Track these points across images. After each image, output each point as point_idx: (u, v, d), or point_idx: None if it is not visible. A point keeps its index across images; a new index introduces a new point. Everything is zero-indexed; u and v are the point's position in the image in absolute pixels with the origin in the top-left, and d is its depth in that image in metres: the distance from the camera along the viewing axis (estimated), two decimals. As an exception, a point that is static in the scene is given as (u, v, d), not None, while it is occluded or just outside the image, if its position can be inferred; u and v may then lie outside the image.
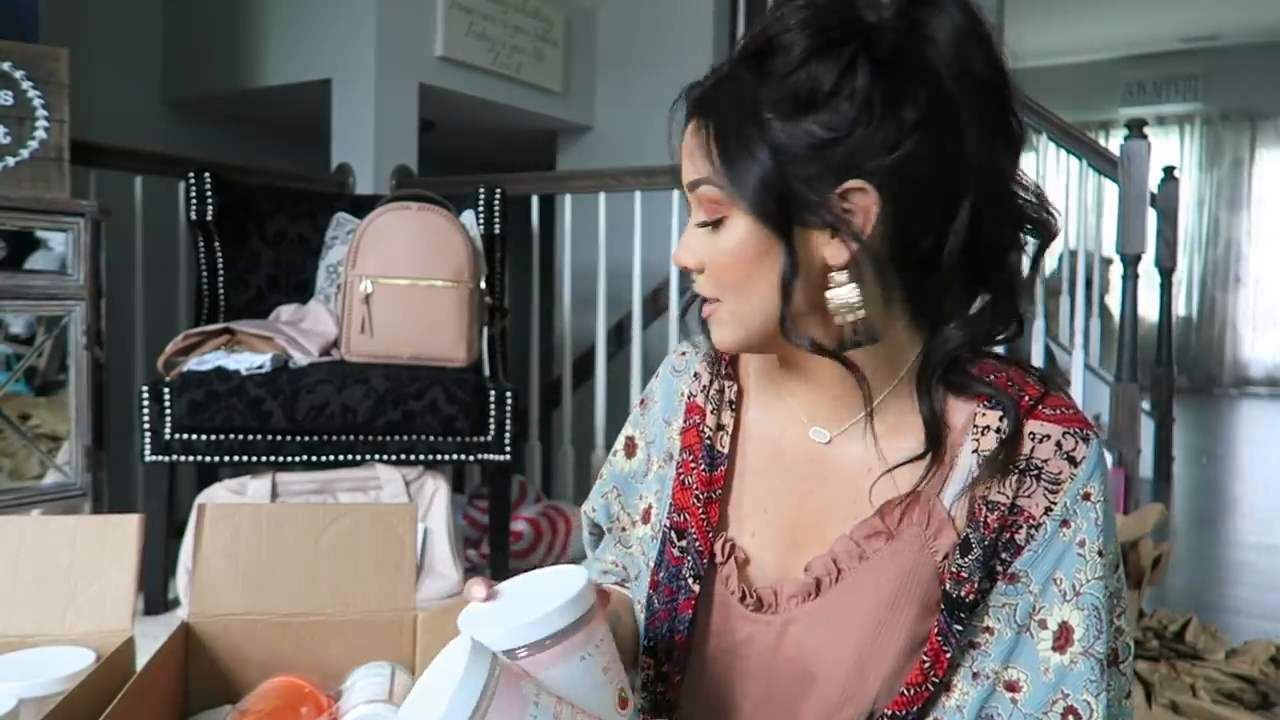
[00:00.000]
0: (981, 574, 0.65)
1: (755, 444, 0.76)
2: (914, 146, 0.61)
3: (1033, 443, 0.65)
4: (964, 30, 0.62)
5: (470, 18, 3.16)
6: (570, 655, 0.60)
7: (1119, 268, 3.19)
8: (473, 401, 2.08)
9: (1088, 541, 0.64)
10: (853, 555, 0.68)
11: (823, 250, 0.64)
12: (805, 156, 0.62)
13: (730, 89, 0.65)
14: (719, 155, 0.64)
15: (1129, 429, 3.05)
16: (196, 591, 1.10)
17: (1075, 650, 0.63)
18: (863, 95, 0.61)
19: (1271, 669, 1.67)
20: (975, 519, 0.65)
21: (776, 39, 0.63)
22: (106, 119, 2.78)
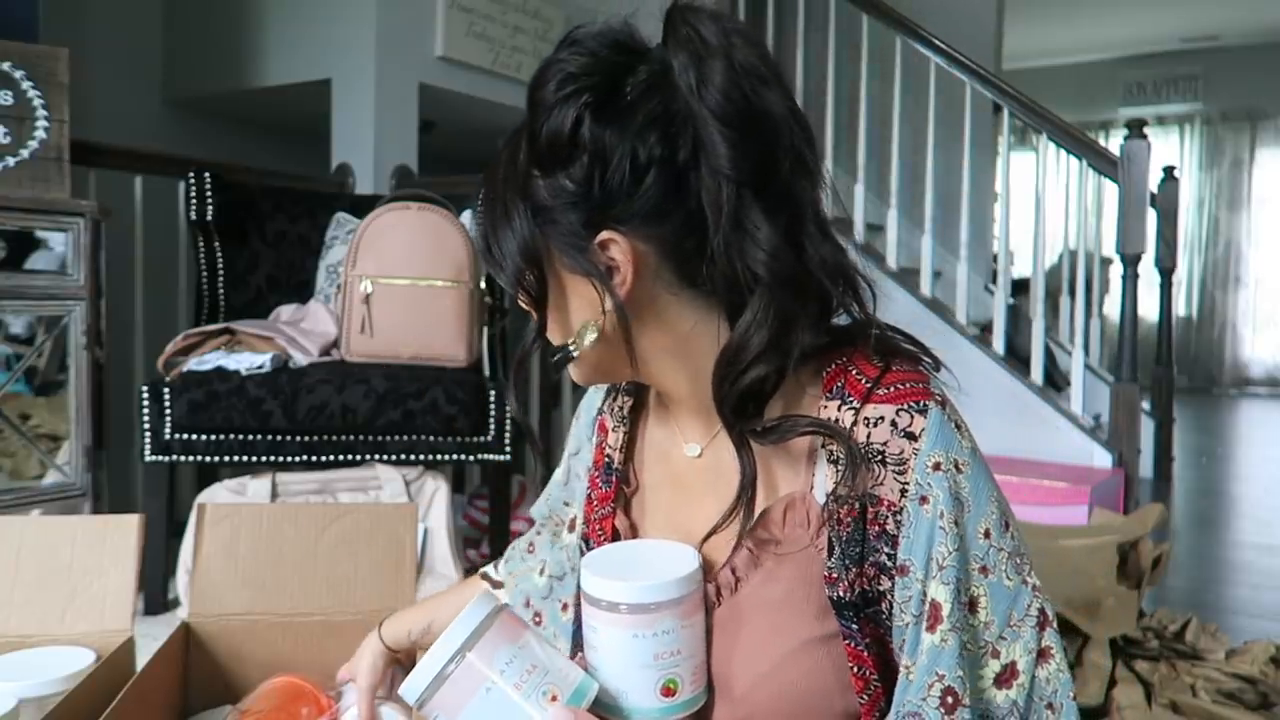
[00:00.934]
0: (852, 569, 0.63)
1: (652, 458, 0.77)
2: (653, 187, 0.62)
3: (868, 428, 0.64)
4: (703, 61, 0.61)
5: (470, 18, 3.16)
6: (624, 627, 0.64)
7: (1119, 268, 3.19)
8: (473, 401, 2.08)
9: (945, 513, 0.62)
10: (749, 564, 0.68)
11: (602, 294, 0.65)
12: (561, 212, 0.64)
13: (506, 152, 0.67)
14: (490, 232, 0.67)
15: (1129, 429, 3.05)
16: (196, 591, 1.11)
17: (944, 627, 0.61)
18: (593, 145, 0.61)
19: (1271, 669, 1.67)
20: (833, 516, 0.64)
21: (534, 94, 0.64)
22: (106, 119, 2.78)
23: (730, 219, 0.61)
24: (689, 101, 0.61)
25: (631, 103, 0.62)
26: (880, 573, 0.64)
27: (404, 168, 2.96)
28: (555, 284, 0.67)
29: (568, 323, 0.68)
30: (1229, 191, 7.89)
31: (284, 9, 3.03)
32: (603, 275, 0.64)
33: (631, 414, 0.80)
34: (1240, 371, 7.88)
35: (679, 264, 0.65)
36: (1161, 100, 7.99)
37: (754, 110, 0.61)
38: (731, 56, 0.61)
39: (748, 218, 0.62)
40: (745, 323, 0.64)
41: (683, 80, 0.61)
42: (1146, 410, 3.65)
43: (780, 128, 0.62)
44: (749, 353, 0.63)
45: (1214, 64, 7.75)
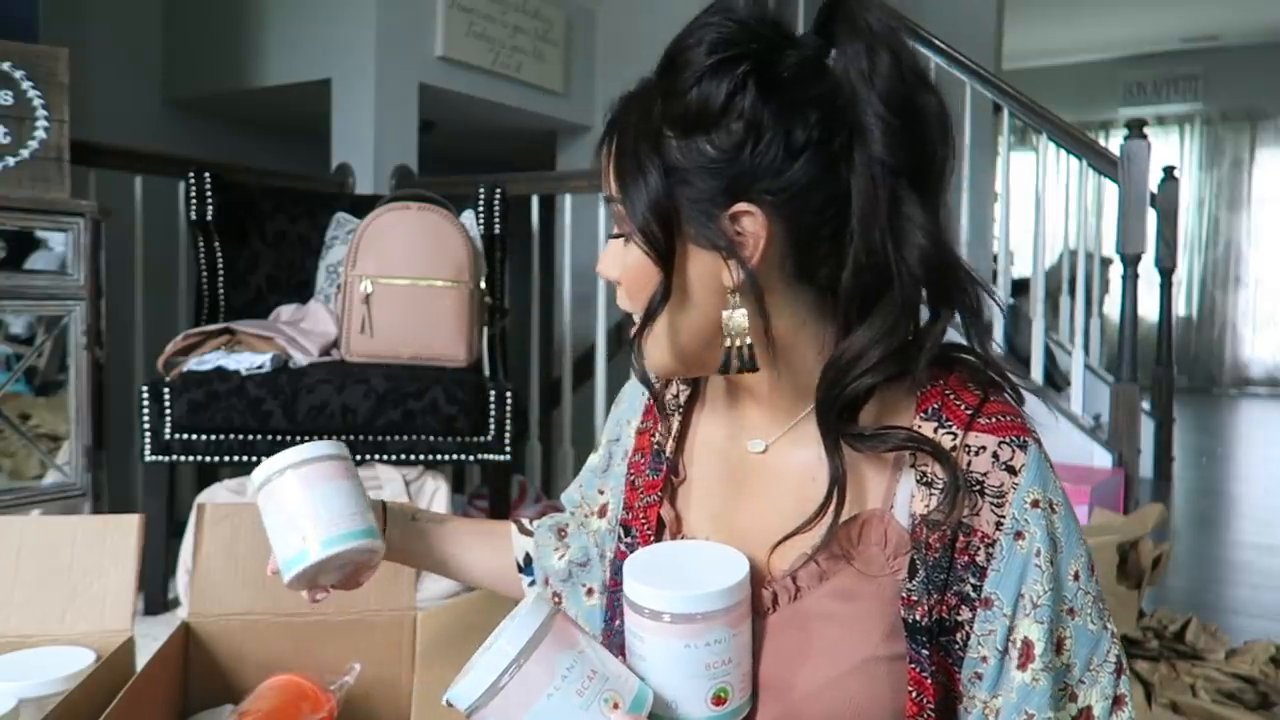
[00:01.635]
0: (934, 595, 0.63)
1: (704, 450, 0.76)
2: (804, 169, 0.61)
3: (969, 456, 0.63)
4: (873, 50, 0.61)
5: (470, 18, 3.16)
6: (674, 637, 0.63)
7: (1119, 268, 3.19)
8: (473, 401, 2.07)
9: (1042, 550, 0.61)
10: (812, 575, 0.66)
11: (720, 272, 0.63)
12: (697, 176, 0.62)
13: (637, 105, 0.65)
14: (615, 175, 0.65)
15: (1129, 429, 3.04)
16: (196, 591, 1.10)
17: (1036, 666, 0.61)
18: (751, 115, 0.60)
19: (1271, 669, 1.67)
20: (917, 539, 0.63)
21: (682, 54, 0.63)
22: (106, 119, 2.78)
23: (886, 207, 0.61)
24: (855, 87, 0.61)
25: (792, 80, 0.61)
26: (961, 602, 0.63)
27: (404, 168, 2.96)
28: (680, 251, 0.64)
29: (676, 298, 0.65)
30: (1229, 191, 7.89)
31: (284, 9, 3.03)
32: (732, 246, 0.62)
33: (687, 404, 0.78)
34: (1240, 371, 7.88)
35: (802, 253, 0.64)
36: (1161, 100, 7.99)
37: (916, 103, 0.61)
38: (898, 49, 0.61)
39: (904, 207, 0.61)
40: (879, 321, 0.62)
41: (852, 66, 0.61)
42: (1146, 410, 3.65)
43: (935, 127, 0.62)
44: (874, 355, 0.62)
45: (1214, 64, 7.75)
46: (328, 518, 0.77)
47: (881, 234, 0.61)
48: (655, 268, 0.64)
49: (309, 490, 0.78)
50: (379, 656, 1.11)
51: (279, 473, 0.78)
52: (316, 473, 0.80)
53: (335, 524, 0.77)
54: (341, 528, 0.77)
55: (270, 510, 0.79)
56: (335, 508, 0.78)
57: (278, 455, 0.79)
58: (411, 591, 1.15)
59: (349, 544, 0.77)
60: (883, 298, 0.63)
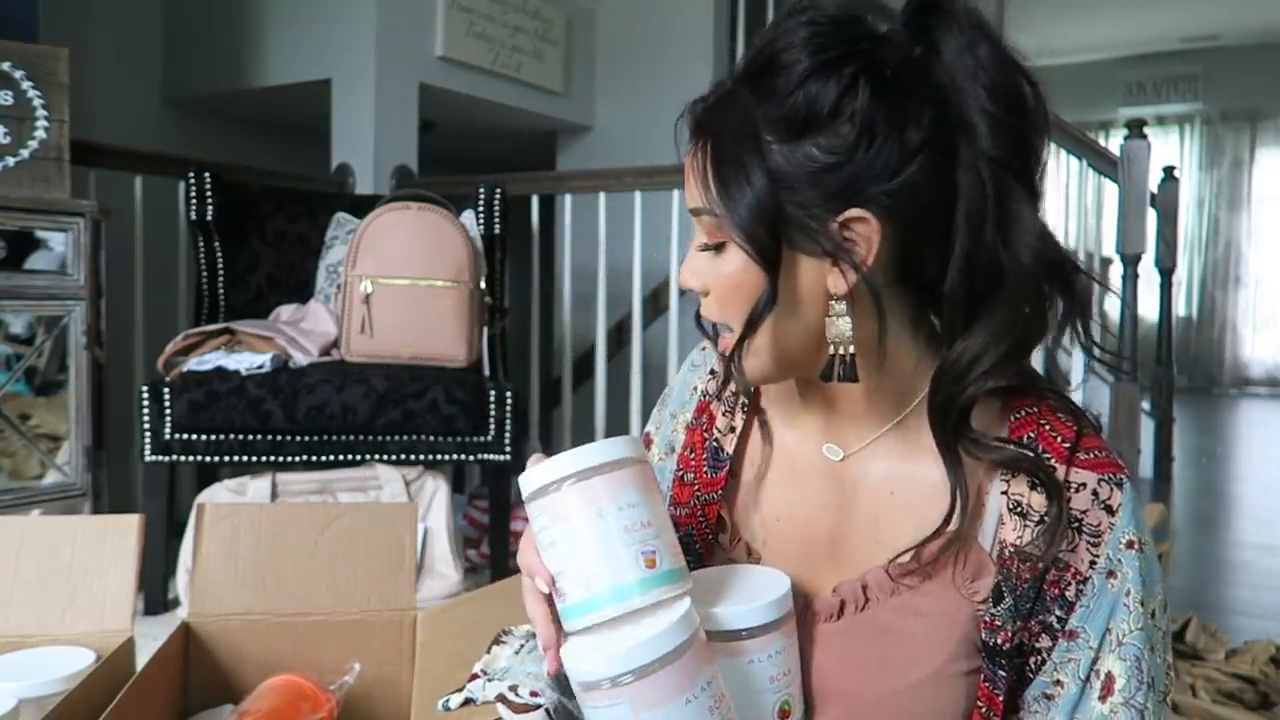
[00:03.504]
0: (1017, 622, 0.62)
1: (772, 452, 0.73)
2: (918, 170, 0.59)
3: (1069, 492, 0.62)
4: (975, 43, 0.60)
5: (470, 18, 3.16)
6: (742, 655, 0.62)
7: (1119, 268, 3.19)
8: (473, 401, 2.07)
9: (1133, 591, 0.61)
10: (884, 588, 0.65)
11: (825, 278, 0.61)
12: (804, 182, 0.60)
13: (730, 109, 0.62)
14: (715, 182, 0.62)
15: (1129, 429, 3.05)
16: (196, 591, 1.11)
17: (1116, 700, 0.61)
18: (864, 117, 0.58)
19: (1271, 669, 1.67)
20: (1006, 567, 0.63)
21: (777, 56, 0.61)
22: (106, 119, 2.78)
23: (995, 204, 0.59)
24: (961, 84, 0.59)
25: (900, 78, 0.59)
26: (1043, 631, 0.63)
27: (404, 168, 2.96)
28: (784, 259, 0.62)
29: (750, 300, 0.62)
30: (1229, 191, 7.89)
31: (284, 9, 3.03)
32: (844, 252, 0.60)
33: (750, 404, 0.76)
34: (1240, 371, 7.88)
35: (909, 256, 0.62)
36: (1161, 100, 7.99)
37: (1020, 97, 0.60)
38: (995, 39, 0.60)
39: (1012, 204, 0.60)
40: (993, 323, 0.61)
41: (957, 61, 0.60)
42: (1146, 410, 3.65)
43: (1037, 117, 0.61)
44: (990, 357, 0.60)
45: (1214, 64, 7.75)
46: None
47: (992, 232, 0.60)
48: (756, 276, 0.61)
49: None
50: (379, 656, 1.11)
51: (626, 461, 0.60)
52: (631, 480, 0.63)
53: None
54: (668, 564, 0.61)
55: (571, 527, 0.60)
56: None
57: (581, 452, 0.60)
58: (411, 592, 1.15)
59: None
60: (990, 298, 0.61)
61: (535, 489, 0.60)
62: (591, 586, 0.58)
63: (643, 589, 0.57)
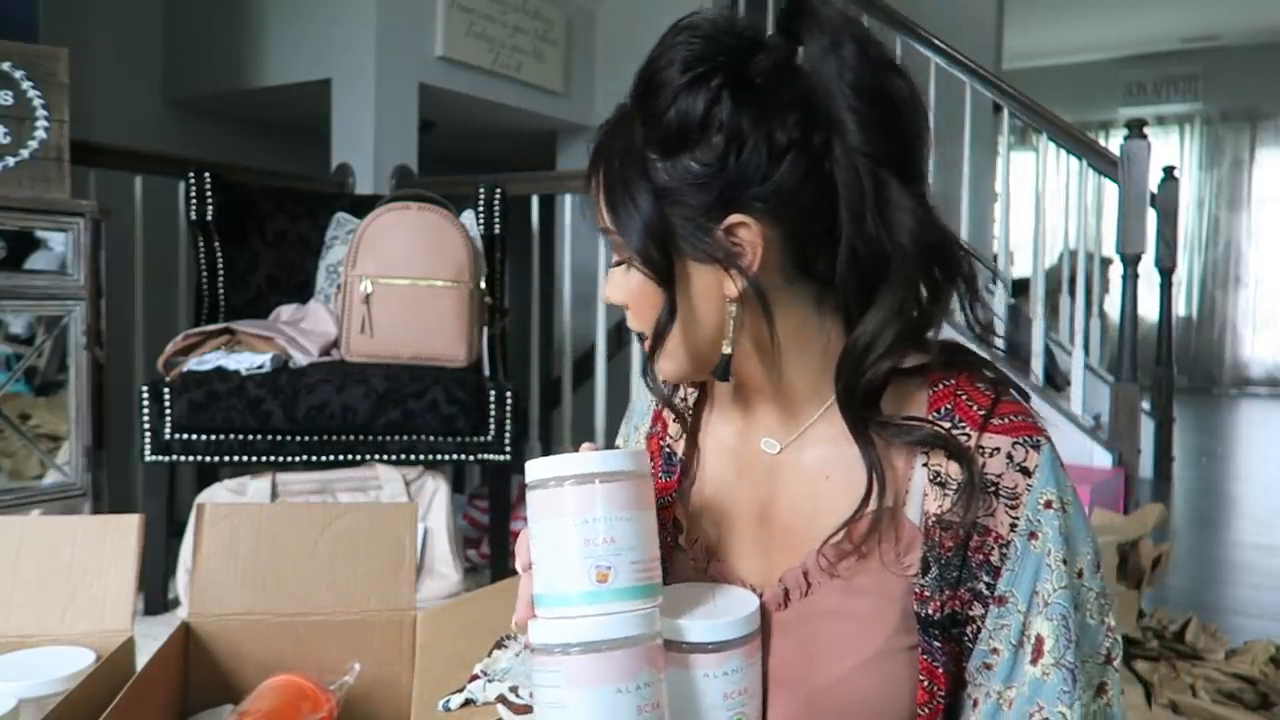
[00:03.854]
0: (946, 592, 0.64)
1: (717, 451, 0.76)
2: (789, 171, 0.62)
3: (984, 458, 0.64)
4: (839, 44, 0.62)
5: (470, 18, 3.16)
6: (695, 668, 0.64)
7: (1119, 268, 3.19)
8: (473, 401, 2.07)
9: (1054, 550, 0.63)
10: (823, 571, 0.68)
11: (722, 282, 0.64)
12: (687, 194, 0.63)
13: (619, 132, 0.66)
14: (606, 206, 0.66)
15: (1129, 429, 3.05)
16: (196, 591, 1.11)
17: (1047, 661, 0.62)
18: (730, 125, 0.61)
19: (1271, 669, 1.67)
20: (931, 538, 0.65)
21: (656, 76, 0.64)
22: (106, 119, 2.78)
23: (873, 195, 0.62)
24: (826, 84, 0.62)
25: (766, 85, 0.62)
26: (974, 599, 0.65)
27: (404, 168, 2.96)
28: (680, 268, 0.65)
29: (680, 312, 0.66)
30: (1229, 191, 7.89)
31: (284, 9, 3.03)
32: (731, 257, 0.63)
33: (695, 406, 0.79)
34: (1240, 371, 7.88)
35: (799, 251, 0.65)
36: (1161, 100, 7.99)
37: (887, 91, 0.62)
38: (863, 41, 0.62)
39: (889, 193, 0.62)
40: (885, 306, 0.63)
41: (821, 63, 0.62)
42: (1146, 410, 3.65)
43: (909, 110, 0.64)
44: (887, 337, 0.63)
45: (1214, 64, 7.76)
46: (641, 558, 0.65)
47: (872, 221, 0.62)
48: (657, 290, 0.65)
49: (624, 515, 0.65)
50: (379, 656, 1.11)
51: (588, 478, 0.63)
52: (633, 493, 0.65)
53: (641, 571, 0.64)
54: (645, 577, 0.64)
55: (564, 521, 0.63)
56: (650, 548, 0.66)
57: (584, 457, 0.64)
58: (411, 592, 1.15)
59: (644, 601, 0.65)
60: (883, 283, 0.64)
61: (531, 480, 0.64)
62: (550, 584, 0.63)
63: (586, 600, 0.61)
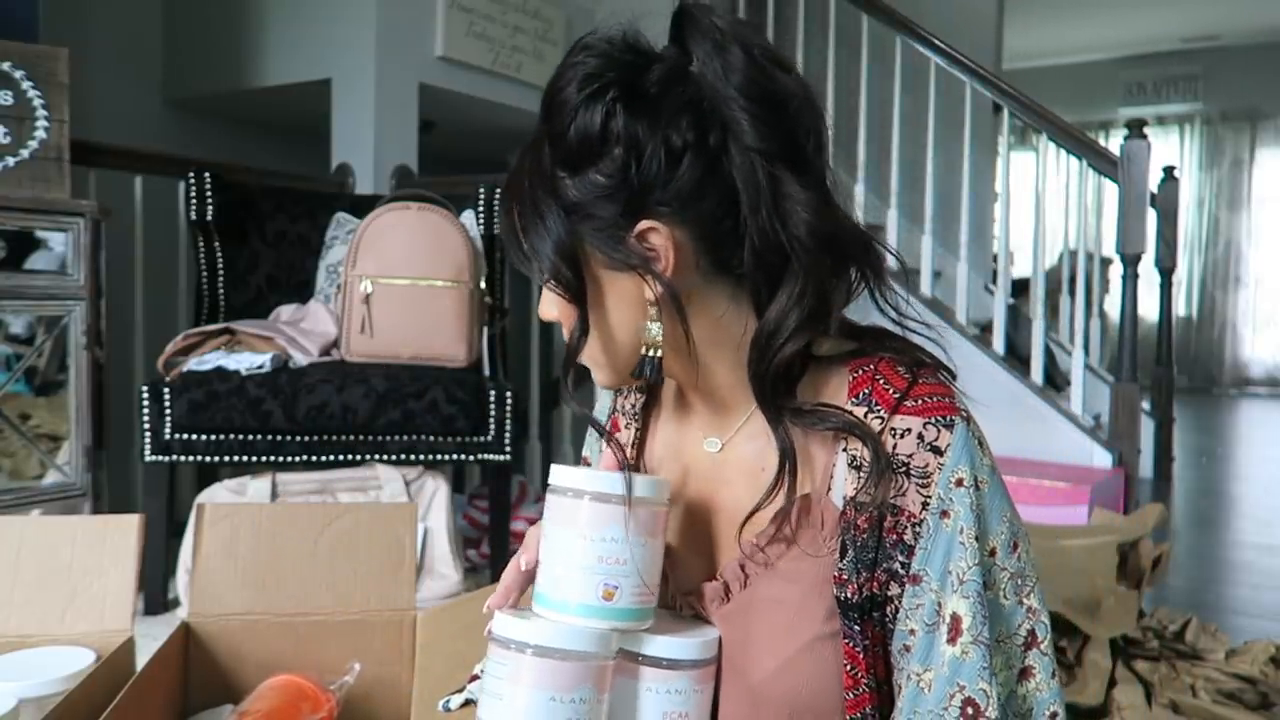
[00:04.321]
0: (864, 574, 0.65)
1: (664, 455, 0.79)
2: (689, 173, 0.64)
3: (894, 439, 0.66)
4: (723, 47, 0.64)
5: (470, 18, 3.16)
6: (639, 679, 0.68)
7: (1119, 268, 3.19)
8: (473, 401, 2.07)
9: (965, 528, 0.64)
10: (758, 562, 0.69)
11: (641, 287, 0.66)
12: (597, 207, 0.65)
13: (528, 157, 0.68)
14: (521, 230, 0.68)
15: (1129, 429, 3.05)
16: (196, 591, 1.11)
17: (965, 640, 0.63)
18: (627, 135, 0.63)
19: (1271, 669, 1.67)
20: (845, 519, 0.66)
21: (557, 96, 0.66)
22: (106, 119, 2.77)
23: (769, 191, 0.64)
24: (715, 87, 0.64)
25: (658, 94, 0.64)
26: (891, 579, 0.65)
27: (404, 168, 2.96)
28: (591, 283, 0.68)
29: (603, 323, 0.69)
30: (1229, 191, 7.89)
31: (284, 9, 3.03)
32: (646, 263, 0.65)
33: (643, 411, 0.81)
34: (1240, 371, 7.88)
35: (712, 249, 0.66)
36: (1161, 100, 7.99)
37: (775, 90, 0.64)
38: (748, 44, 0.64)
39: (784, 188, 0.64)
40: (786, 294, 0.66)
41: (707, 68, 0.64)
42: (1146, 410, 3.65)
43: (799, 106, 0.65)
44: (790, 324, 0.65)
45: (1214, 64, 7.76)
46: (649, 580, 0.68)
47: (769, 215, 0.64)
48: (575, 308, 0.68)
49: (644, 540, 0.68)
50: (379, 656, 1.11)
51: (618, 499, 0.66)
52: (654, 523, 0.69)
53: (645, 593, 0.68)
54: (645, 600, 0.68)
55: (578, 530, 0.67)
56: (654, 574, 0.69)
57: (614, 476, 0.67)
58: (411, 592, 1.15)
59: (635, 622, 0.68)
60: (783, 275, 0.66)
61: (554, 485, 0.68)
62: (557, 589, 0.66)
63: (584, 613, 0.65)
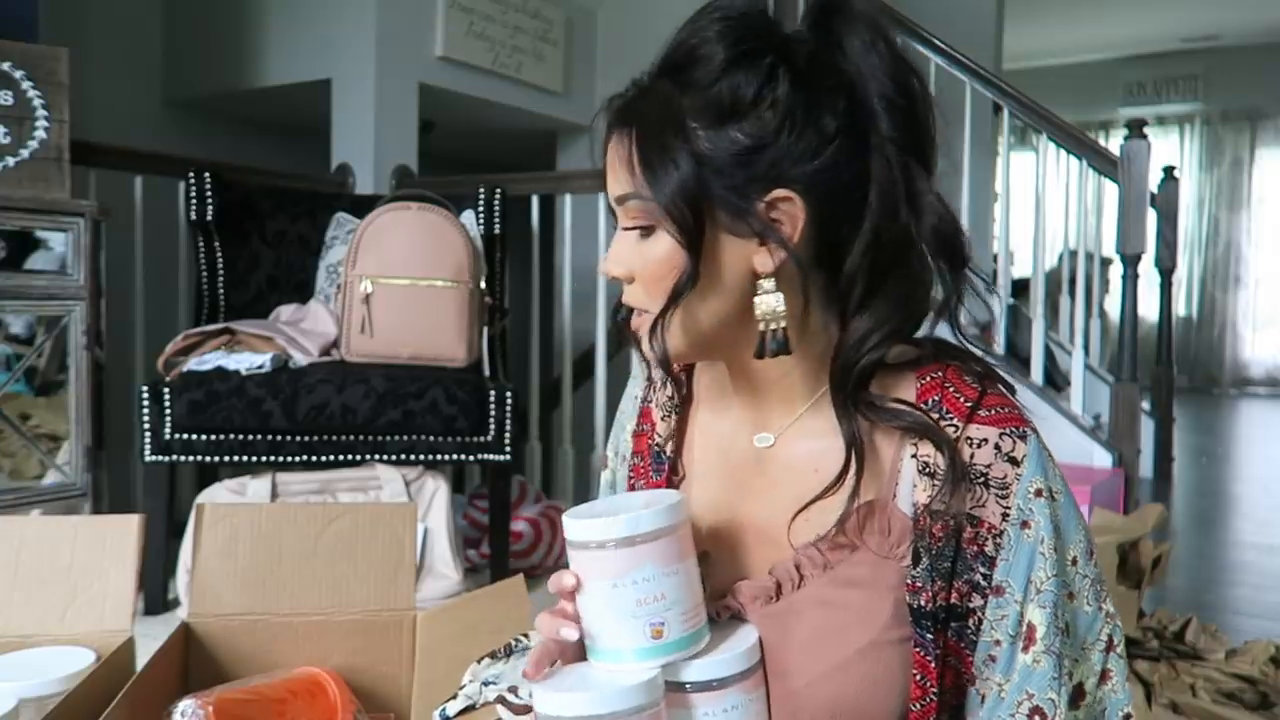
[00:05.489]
0: (939, 582, 0.65)
1: (704, 448, 0.77)
2: (835, 153, 0.64)
3: (971, 449, 0.65)
4: (874, 41, 0.65)
5: (470, 18, 3.16)
6: (694, 708, 0.65)
7: (1119, 268, 3.19)
8: (473, 401, 2.07)
9: (1046, 538, 0.64)
10: (816, 564, 0.68)
11: (751, 258, 0.65)
12: (731, 164, 0.63)
13: (653, 99, 0.66)
14: (640, 165, 0.65)
15: (1129, 429, 3.05)
16: (196, 591, 1.11)
17: (1037, 649, 0.63)
18: (785, 104, 0.63)
19: (1271, 669, 1.67)
20: (920, 527, 0.65)
21: (695, 50, 0.65)
22: (106, 119, 2.77)
23: (903, 186, 0.64)
24: (865, 75, 0.65)
25: (813, 71, 0.64)
26: (973, 590, 0.65)
27: (404, 168, 2.96)
28: (710, 239, 0.65)
29: (676, 283, 0.66)
30: (1229, 191, 7.89)
31: (284, 9, 3.03)
32: (769, 230, 0.64)
33: (681, 404, 0.79)
34: (1240, 371, 7.88)
35: (823, 235, 0.66)
36: (1161, 100, 7.99)
37: (912, 86, 0.66)
38: (890, 38, 0.66)
39: (916, 184, 0.65)
40: (895, 291, 0.66)
41: (859, 56, 0.65)
42: (1146, 410, 3.65)
43: (927, 106, 0.67)
44: (895, 320, 0.65)
45: (1214, 64, 7.75)
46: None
47: (904, 209, 0.64)
48: (682, 258, 0.65)
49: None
50: (379, 656, 1.11)
51: (642, 537, 0.63)
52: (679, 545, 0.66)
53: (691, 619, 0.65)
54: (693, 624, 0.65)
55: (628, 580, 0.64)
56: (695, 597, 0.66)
57: (629, 519, 0.63)
58: (411, 592, 1.15)
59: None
60: (892, 274, 0.66)
61: (573, 540, 0.65)
62: (606, 640, 0.64)
63: (641, 656, 0.63)
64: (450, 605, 1.19)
